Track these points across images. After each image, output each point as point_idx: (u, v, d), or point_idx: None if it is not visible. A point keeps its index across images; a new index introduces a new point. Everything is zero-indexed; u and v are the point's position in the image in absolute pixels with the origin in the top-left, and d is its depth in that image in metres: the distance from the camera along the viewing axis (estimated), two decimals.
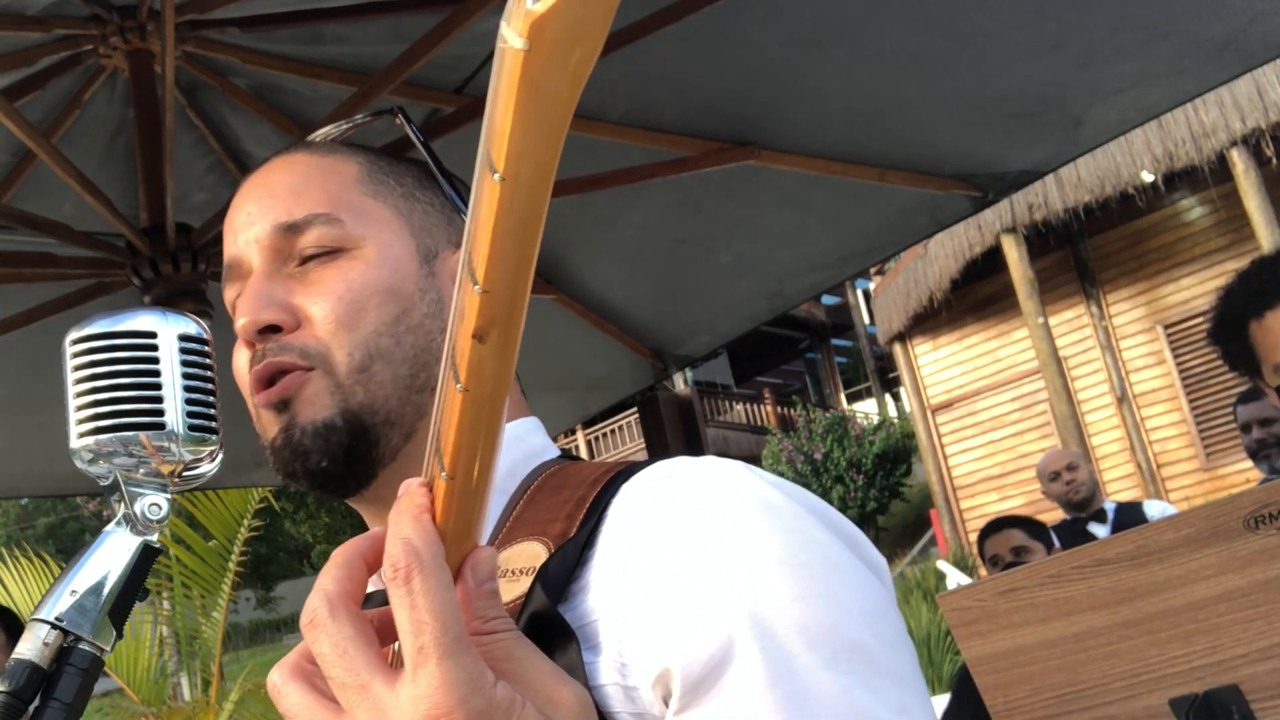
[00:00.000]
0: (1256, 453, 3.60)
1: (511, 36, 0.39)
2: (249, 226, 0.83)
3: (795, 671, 0.60)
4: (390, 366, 0.80)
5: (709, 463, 0.72)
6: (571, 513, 0.72)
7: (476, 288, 0.45)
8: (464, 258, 0.46)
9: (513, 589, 0.68)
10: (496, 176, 0.42)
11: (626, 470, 0.73)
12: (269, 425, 0.81)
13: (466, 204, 0.89)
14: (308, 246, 0.81)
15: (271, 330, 0.80)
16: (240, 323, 0.80)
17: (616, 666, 0.64)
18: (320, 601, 0.53)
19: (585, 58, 0.40)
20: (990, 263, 11.49)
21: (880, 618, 0.65)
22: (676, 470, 0.72)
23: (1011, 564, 3.60)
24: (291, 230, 0.81)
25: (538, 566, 0.69)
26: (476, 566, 0.54)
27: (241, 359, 0.82)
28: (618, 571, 0.67)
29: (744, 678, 0.60)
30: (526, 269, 0.46)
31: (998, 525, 3.92)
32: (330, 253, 0.81)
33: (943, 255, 11.75)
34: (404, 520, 0.52)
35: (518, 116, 0.41)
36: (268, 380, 0.80)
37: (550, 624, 0.65)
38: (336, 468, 0.80)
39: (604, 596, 0.66)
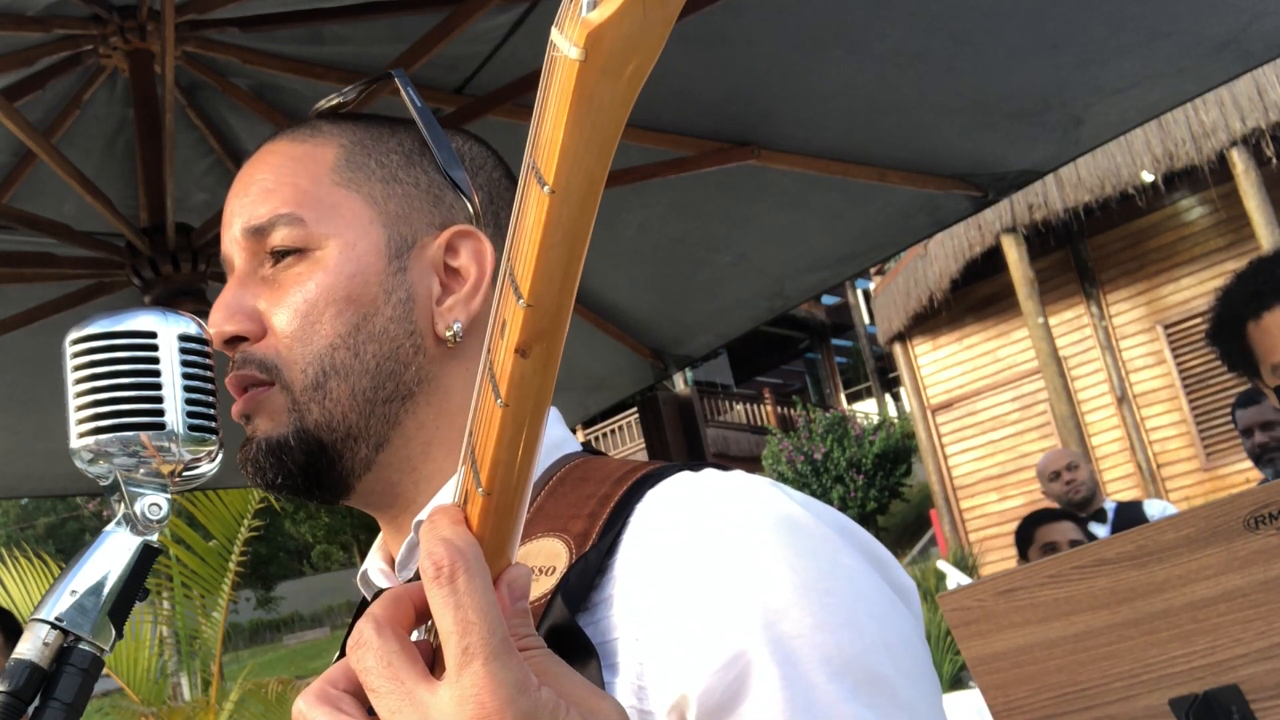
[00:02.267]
0: (1260, 457, 3.56)
1: (566, 46, 0.38)
2: (230, 226, 0.84)
3: (814, 703, 0.59)
4: (348, 381, 0.78)
5: (737, 479, 0.70)
6: (594, 511, 0.71)
7: (521, 301, 0.44)
8: (505, 269, 0.45)
9: (533, 588, 0.67)
10: (546, 189, 0.41)
11: (653, 475, 0.72)
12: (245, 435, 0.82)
13: (469, 170, 0.85)
14: (275, 246, 0.81)
15: (239, 340, 0.81)
16: (208, 334, 0.81)
17: (634, 689, 0.63)
18: (367, 622, 0.52)
19: (640, 70, 0.39)
20: (990, 263, 11.49)
21: (904, 649, 0.64)
22: (704, 485, 0.70)
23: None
24: (259, 233, 0.81)
25: (558, 566, 0.68)
26: (512, 584, 0.53)
27: None
28: (639, 591, 0.66)
29: (762, 707, 0.60)
30: (572, 283, 0.44)
31: (1052, 515, 3.82)
32: (296, 252, 0.80)
33: (943, 255, 11.75)
34: (442, 523, 0.51)
35: (570, 129, 0.40)
36: (241, 391, 0.81)
37: (571, 639, 0.64)
38: (295, 483, 0.80)
39: (625, 615, 0.66)
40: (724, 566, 0.64)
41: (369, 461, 0.80)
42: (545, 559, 0.69)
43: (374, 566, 0.86)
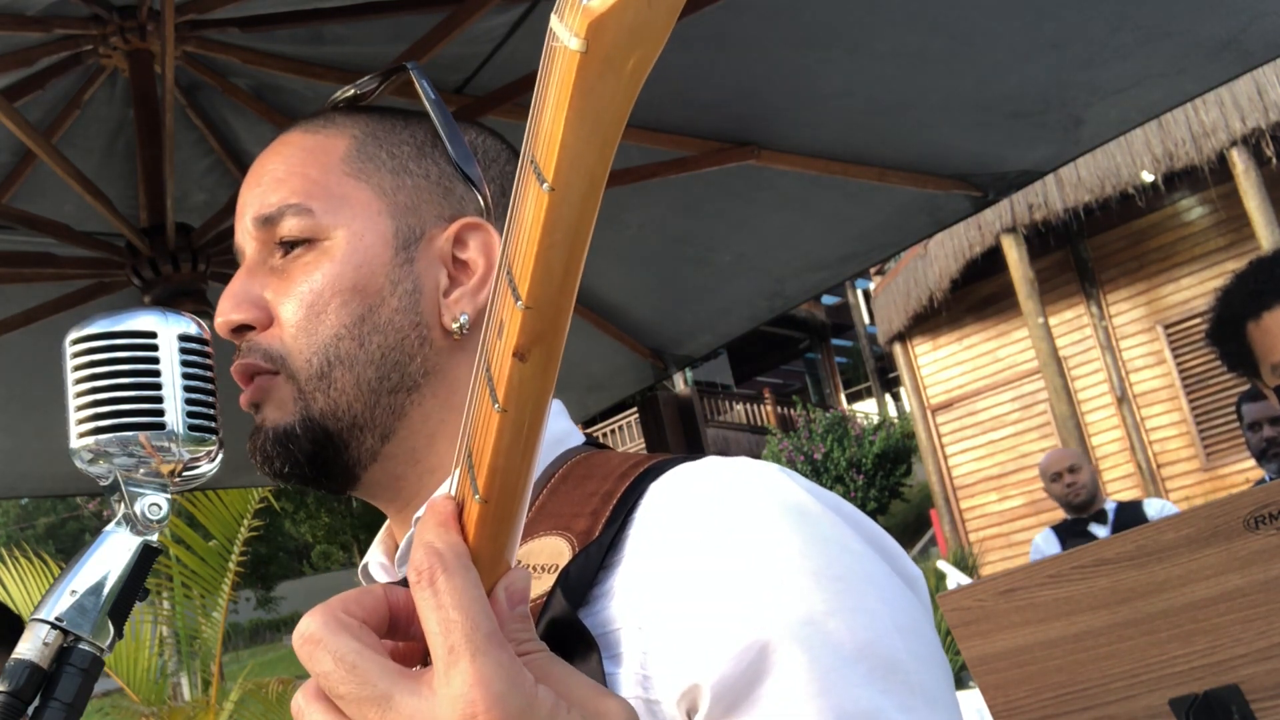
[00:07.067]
0: (1265, 452, 3.50)
1: (566, 35, 0.36)
2: (242, 215, 0.84)
3: (830, 688, 0.59)
4: (352, 371, 0.79)
5: (741, 466, 0.70)
6: (597, 509, 0.70)
7: (519, 303, 0.42)
8: (503, 267, 0.43)
9: (535, 587, 0.66)
10: (545, 186, 0.39)
11: (656, 467, 0.71)
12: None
13: (482, 164, 0.85)
14: (284, 236, 0.81)
15: (245, 328, 0.81)
16: (216, 322, 0.82)
17: (638, 679, 0.63)
18: (314, 616, 0.49)
19: (642, 63, 0.38)
20: (990, 263, 11.49)
21: (915, 634, 0.64)
22: (708, 473, 0.69)
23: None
24: (268, 222, 0.82)
25: (560, 565, 0.67)
26: (510, 587, 0.51)
27: None
28: (643, 580, 0.65)
29: (779, 693, 0.59)
30: (572, 284, 0.43)
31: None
32: (304, 243, 0.81)
33: (943, 255, 11.75)
34: (428, 528, 0.50)
35: (570, 123, 0.38)
36: (247, 380, 0.81)
37: (571, 631, 0.63)
38: (302, 471, 0.80)
39: (627, 605, 0.65)
40: (732, 554, 0.63)
41: (375, 452, 0.80)
42: (548, 557, 0.69)
43: (374, 560, 0.86)
